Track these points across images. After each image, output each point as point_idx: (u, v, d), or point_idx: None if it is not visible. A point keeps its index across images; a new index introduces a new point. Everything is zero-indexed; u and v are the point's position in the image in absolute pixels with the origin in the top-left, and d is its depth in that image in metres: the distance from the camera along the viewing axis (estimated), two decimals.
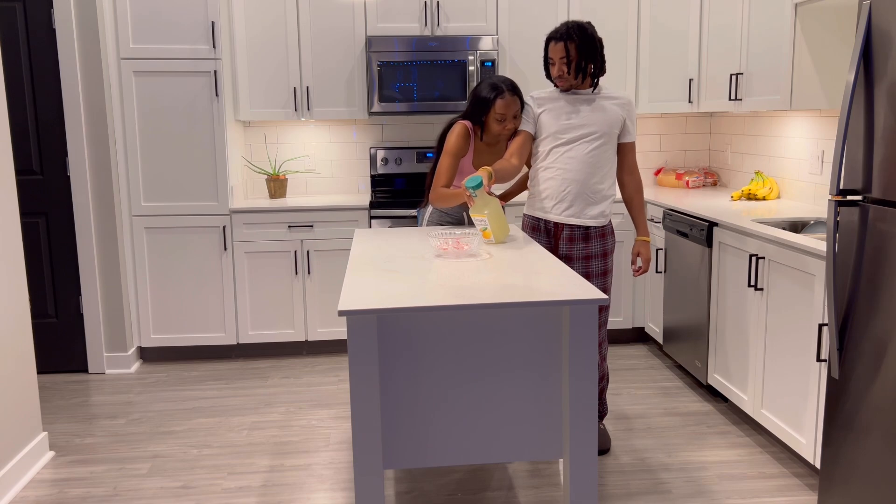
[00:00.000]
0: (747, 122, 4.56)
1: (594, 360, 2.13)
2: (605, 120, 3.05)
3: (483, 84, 3.10)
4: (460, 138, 3.13)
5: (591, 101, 3.07)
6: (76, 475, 3.05)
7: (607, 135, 3.05)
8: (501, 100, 3.03)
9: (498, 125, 3.07)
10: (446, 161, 3.13)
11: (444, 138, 3.22)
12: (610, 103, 3.07)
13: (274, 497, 2.84)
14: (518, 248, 2.81)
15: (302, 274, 4.38)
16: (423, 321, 2.19)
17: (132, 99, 4.19)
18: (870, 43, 2.16)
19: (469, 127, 3.15)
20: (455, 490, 2.86)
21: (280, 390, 3.96)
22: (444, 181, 3.14)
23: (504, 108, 3.03)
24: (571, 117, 3.05)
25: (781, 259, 2.96)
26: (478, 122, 3.13)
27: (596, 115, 3.05)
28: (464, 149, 3.15)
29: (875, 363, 2.16)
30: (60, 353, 4.23)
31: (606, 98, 3.08)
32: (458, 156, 3.14)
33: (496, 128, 3.08)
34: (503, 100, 3.03)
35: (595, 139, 3.04)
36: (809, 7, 3.38)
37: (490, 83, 3.07)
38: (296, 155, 4.85)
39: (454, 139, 3.13)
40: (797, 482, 2.88)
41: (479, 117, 3.11)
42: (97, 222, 4.12)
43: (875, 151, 2.16)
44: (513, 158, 3.03)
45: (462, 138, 3.13)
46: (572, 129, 3.04)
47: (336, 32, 4.44)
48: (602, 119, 3.05)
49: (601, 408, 3.28)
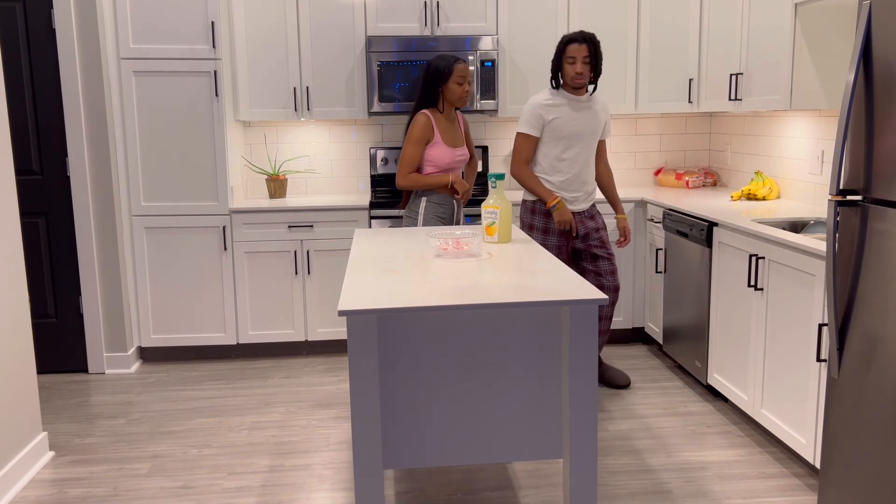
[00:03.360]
0: (747, 122, 4.56)
1: (594, 360, 2.13)
2: (597, 123, 3.64)
3: (433, 62, 3.54)
4: (424, 127, 3.52)
5: (588, 106, 3.60)
6: (76, 475, 3.05)
7: (597, 135, 3.66)
8: (460, 64, 3.50)
9: (459, 88, 3.51)
10: (411, 149, 3.53)
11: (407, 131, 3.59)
12: (598, 107, 3.64)
13: (274, 497, 2.84)
14: (518, 248, 2.81)
15: (302, 274, 4.38)
16: (423, 321, 2.19)
17: (132, 99, 4.19)
18: (870, 43, 2.16)
19: (429, 114, 3.54)
20: (455, 490, 2.86)
21: (280, 390, 3.96)
22: (411, 168, 3.54)
23: (464, 70, 3.50)
24: (577, 122, 3.57)
25: (781, 259, 2.97)
26: (435, 98, 3.54)
27: (591, 120, 3.61)
28: (428, 135, 3.53)
29: (875, 363, 2.16)
30: (60, 353, 4.23)
31: (595, 102, 3.64)
32: (422, 143, 3.53)
33: (457, 90, 3.51)
34: (462, 64, 3.50)
35: (592, 140, 3.65)
36: (809, 7, 3.38)
37: (440, 57, 3.53)
38: (296, 155, 4.85)
39: (418, 128, 3.52)
40: (797, 482, 2.88)
41: (437, 88, 3.52)
42: (97, 222, 4.12)
43: (875, 151, 2.16)
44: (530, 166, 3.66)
45: (425, 127, 3.52)
46: (578, 132, 3.58)
47: (336, 32, 4.44)
48: (595, 122, 3.63)
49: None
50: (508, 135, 4.94)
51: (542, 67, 4.56)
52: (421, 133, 3.51)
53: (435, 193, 3.60)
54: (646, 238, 4.44)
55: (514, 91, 4.57)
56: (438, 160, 3.55)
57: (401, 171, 3.55)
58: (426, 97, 3.56)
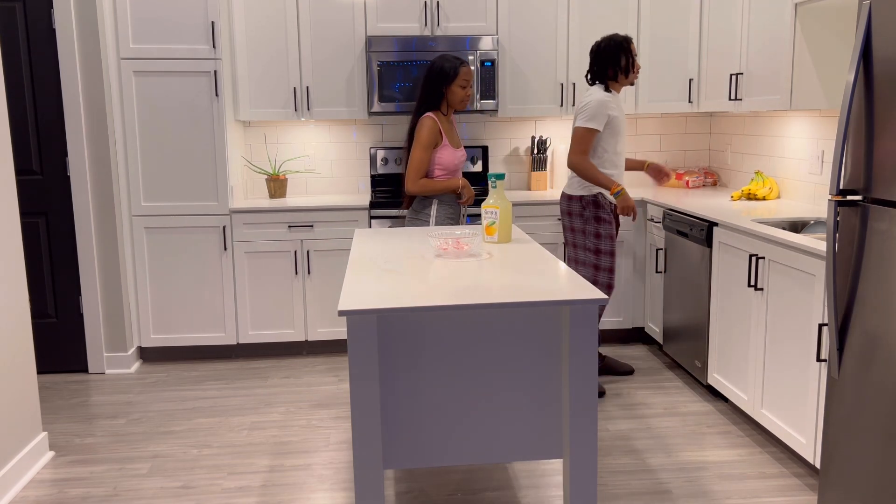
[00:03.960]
0: (747, 122, 4.56)
1: (594, 360, 2.13)
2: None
3: (437, 62, 3.53)
4: (432, 131, 3.51)
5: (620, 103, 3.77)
6: (76, 475, 3.05)
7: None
8: (465, 68, 3.52)
9: (462, 91, 3.53)
10: (420, 154, 3.51)
11: (412, 134, 3.58)
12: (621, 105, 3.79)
13: (274, 497, 2.84)
14: (518, 249, 2.81)
15: (302, 274, 4.38)
16: (423, 321, 2.19)
17: (132, 99, 4.19)
18: (870, 43, 2.16)
19: (434, 117, 3.53)
20: (455, 490, 2.86)
21: (280, 390, 3.96)
22: (420, 173, 3.53)
23: (468, 74, 3.53)
24: (623, 118, 3.72)
25: (781, 259, 2.96)
26: (438, 100, 3.54)
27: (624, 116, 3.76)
28: (436, 139, 3.53)
29: (875, 363, 2.16)
30: (60, 353, 4.23)
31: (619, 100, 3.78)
32: (431, 147, 3.52)
33: (460, 93, 3.54)
34: (466, 67, 3.52)
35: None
36: (809, 7, 3.38)
37: (443, 59, 3.53)
38: (296, 155, 4.85)
39: (426, 132, 3.50)
40: (797, 482, 2.88)
41: (441, 89, 3.52)
42: (97, 222, 4.12)
43: (875, 151, 2.16)
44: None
45: (433, 131, 3.51)
46: (624, 128, 3.74)
47: (336, 32, 4.44)
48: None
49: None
50: (508, 135, 4.94)
51: (542, 67, 4.56)
52: (430, 137, 3.50)
53: (445, 195, 3.63)
54: (646, 238, 4.44)
55: (514, 91, 4.57)
56: (447, 163, 3.58)
57: (410, 177, 3.53)
58: (428, 98, 3.56)
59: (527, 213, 4.42)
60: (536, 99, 4.59)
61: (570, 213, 3.79)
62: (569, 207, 3.79)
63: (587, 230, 3.74)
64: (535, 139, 4.83)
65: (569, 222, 3.81)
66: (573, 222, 3.78)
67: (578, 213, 3.75)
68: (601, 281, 3.77)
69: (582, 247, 3.77)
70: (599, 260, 3.75)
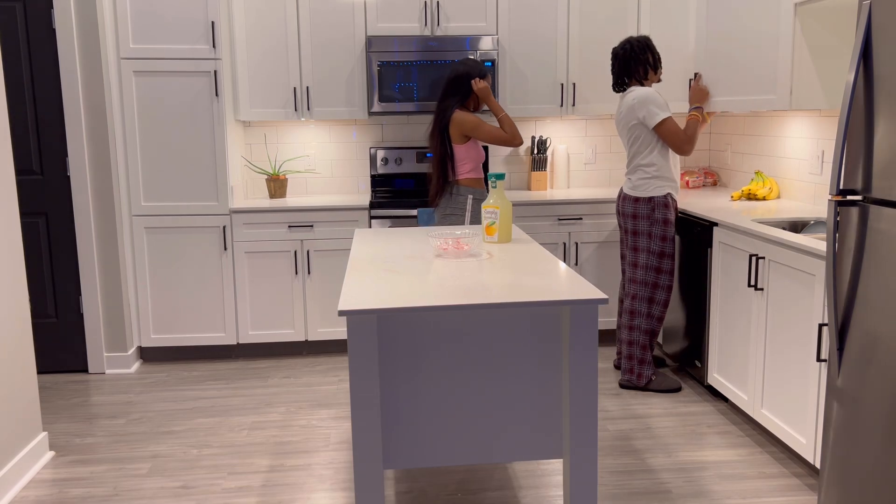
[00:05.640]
0: (747, 122, 4.56)
1: (594, 360, 2.13)
2: None
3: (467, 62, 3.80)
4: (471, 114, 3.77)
5: None
6: (76, 475, 3.05)
7: None
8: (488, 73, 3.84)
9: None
10: (487, 125, 3.76)
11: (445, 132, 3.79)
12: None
13: (274, 497, 2.84)
14: (518, 248, 2.81)
15: (302, 274, 4.38)
16: (423, 321, 2.19)
17: (132, 99, 4.19)
18: (870, 43, 2.16)
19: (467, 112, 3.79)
20: (455, 490, 2.86)
21: (280, 390, 3.96)
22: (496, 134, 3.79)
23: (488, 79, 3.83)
24: None
25: (781, 259, 2.96)
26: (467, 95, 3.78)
27: None
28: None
29: (875, 363, 2.16)
30: (60, 353, 4.23)
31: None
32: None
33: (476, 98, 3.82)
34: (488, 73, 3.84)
35: None
36: (809, 7, 3.38)
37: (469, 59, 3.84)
38: (296, 155, 4.85)
39: (471, 116, 3.76)
40: (797, 482, 2.88)
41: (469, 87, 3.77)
42: (97, 222, 4.13)
43: (875, 151, 2.16)
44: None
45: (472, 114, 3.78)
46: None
47: (336, 32, 4.44)
48: None
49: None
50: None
51: (542, 67, 4.56)
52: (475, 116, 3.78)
53: (478, 189, 3.80)
54: None
55: (514, 91, 4.57)
56: (477, 158, 3.84)
57: (502, 136, 3.76)
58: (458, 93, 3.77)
59: (527, 213, 4.42)
60: (536, 99, 4.59)
61: (635, 216, 3.72)
62: (635, 210, 3.71)
63: (653, 232, 3.69)
64: (535, 139, 4.84)
65: (633, 225, 3.74)
66: (638, 225, 3.72)
67: (646, 215, 3.69)
68: (662, 284, 3.73)
69: (645, 249, 3.72)
70: (662, 263, 3.71)
